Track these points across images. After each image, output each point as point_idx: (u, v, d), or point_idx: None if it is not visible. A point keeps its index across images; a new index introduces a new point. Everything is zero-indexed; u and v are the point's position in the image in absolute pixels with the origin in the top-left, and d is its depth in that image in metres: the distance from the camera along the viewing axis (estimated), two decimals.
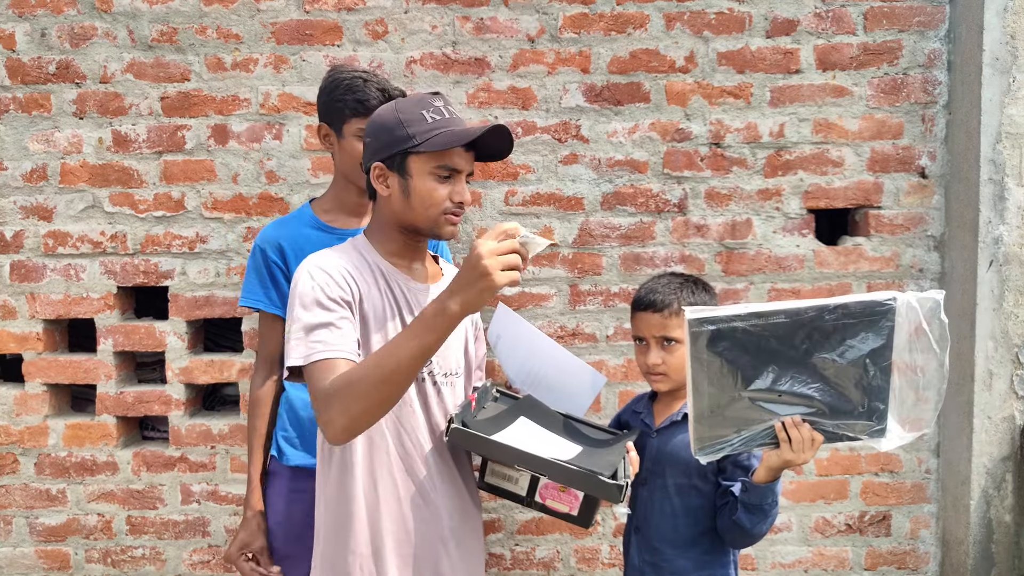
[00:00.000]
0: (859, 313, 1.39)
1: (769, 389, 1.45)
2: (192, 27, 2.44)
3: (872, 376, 1.43)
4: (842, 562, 2.56)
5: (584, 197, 2.49)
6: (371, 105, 1.90)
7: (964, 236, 2.41)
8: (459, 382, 1.66)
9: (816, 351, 1.42)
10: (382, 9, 2.44)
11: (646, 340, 1.75)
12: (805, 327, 1.40)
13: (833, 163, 2.49)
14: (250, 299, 2.00)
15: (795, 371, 1.43)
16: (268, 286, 1.96)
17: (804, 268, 2.50)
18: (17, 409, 2.50)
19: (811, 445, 1.48)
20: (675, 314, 1.72)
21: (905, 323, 1.40)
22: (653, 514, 1.74)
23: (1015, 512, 2.41)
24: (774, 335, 1.41)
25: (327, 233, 1.98)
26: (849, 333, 1.40)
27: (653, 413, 1.82)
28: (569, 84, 2.46)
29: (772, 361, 1.43)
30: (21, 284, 2.49)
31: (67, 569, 2.54)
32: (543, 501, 1.60)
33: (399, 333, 1.39)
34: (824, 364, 1.43)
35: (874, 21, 2.45)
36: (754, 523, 1.61)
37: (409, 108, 1.54)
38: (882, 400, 1.44)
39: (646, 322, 1.75)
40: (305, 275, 1.50)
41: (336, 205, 2.04)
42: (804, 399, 1.45)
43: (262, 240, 2.00)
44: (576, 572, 2.55)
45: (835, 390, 1.44)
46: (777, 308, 1.41)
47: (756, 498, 1.57)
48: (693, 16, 2.45)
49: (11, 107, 2.46)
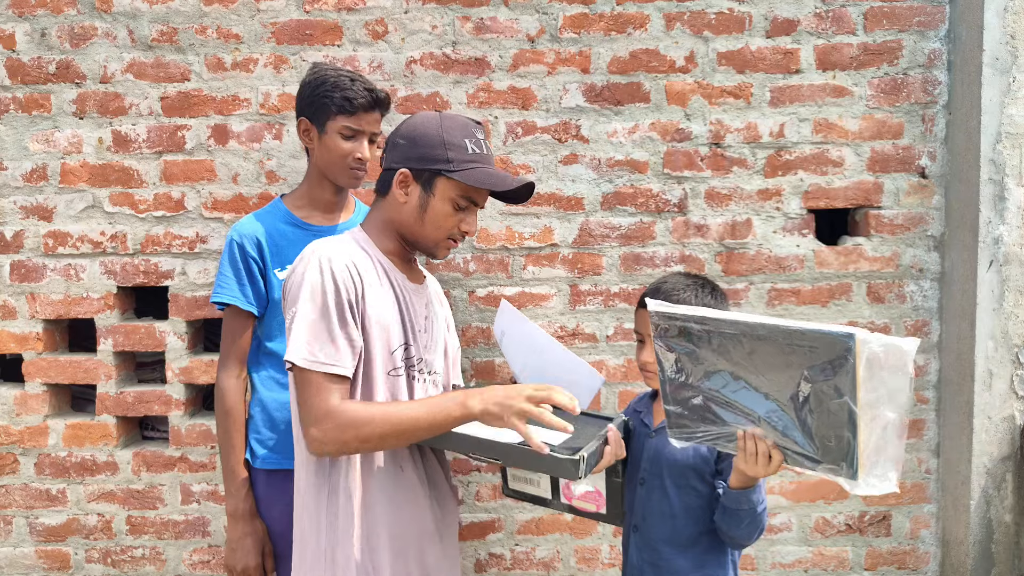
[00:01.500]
0: (813, 342, 1.28)
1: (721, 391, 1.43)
2: (192, 27, 2.44)
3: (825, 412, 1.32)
4: (842, 562, 2.56)
5: (584, 197, 2.49)
6: (358, 104, 1.91)
7: (964, 236, 2.41)
8: (440, 380, 1.71)
9: (766, 370, 1.36)
10: (382, 9, 2.44)
11: (645, 338, 1.75)
12: (756, 341, 1.35)
13: (833, 163, 2.49)
14: (225, 295, 1.96)
15: (746, 383, 1.40)
16: (244, 282, 1.95)
17: (804, 268, 2.50)
18: (17, 409, 2.50)
19: (766, 462, 1.43)
20: None
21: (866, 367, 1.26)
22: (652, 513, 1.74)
23: (1015, 512, 2.41)
24: (725, 342, 1.39)
25: (302, 230, 1.98)
26: (799, 359, 1.31)
27: (653, 412, 1.82)
28: (569, 84, 2.46)
29: (726, 367, 1.41)
30: (21, 284, 2.49)
31: (67, 569, 2.54)
32: (568, 501, 1.60)
33: (419, 402, 1.49)
34: (772, 385, 1.36)
35: (874, 21, 2.45)
36: (730, 526, 1.60)
37: (454, 131, 1.56)
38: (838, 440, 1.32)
39: (645, 318, 1.73)
40: (315, 267, 1.50)
41: (309, 202, 2.04)
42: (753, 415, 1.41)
43: (239, 234, 1.97)
44: (576, 572, 2.55)
45: (784, 412, 1.38)
46: (733, 319, 1.38)
47: (730, 501, 1.57)
48: (693, 16, 2.45)
49: (11, 107, 2.46)
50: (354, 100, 1.91)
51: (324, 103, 1.93)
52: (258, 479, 1.96)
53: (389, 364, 1.57)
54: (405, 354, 1.60)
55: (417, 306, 1.64)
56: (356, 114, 1.93)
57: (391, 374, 1.57)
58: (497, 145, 2.47)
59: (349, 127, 1.93)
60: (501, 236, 2.49)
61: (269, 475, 1.95)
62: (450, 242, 1.61)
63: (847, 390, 1.27)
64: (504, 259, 2.50)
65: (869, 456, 1.30)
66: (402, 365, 1.59)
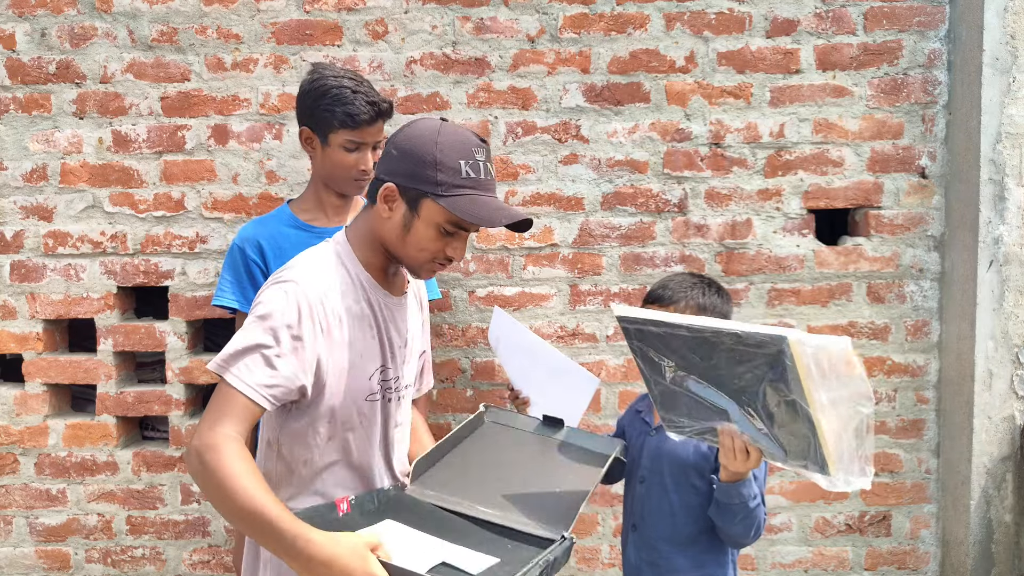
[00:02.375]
0: (751, 344, 1.32)
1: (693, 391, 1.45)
2: (192, 27, 2.44)
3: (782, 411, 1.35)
4: (842, 562, 2.56)
5: (584, 197, 2.49)
6: (361, 120, 1.90)
7: (964, 236, 2.41)
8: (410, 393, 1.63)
9: (725, 372, 1.38)
10: (382, 9, 2.44)
11: None
12: (710, 345, 1.37)
13: (833, 163, 2.49)
14: (225, 298, 1.96)
15: (709, 383, 1.42)
16: (246, 286, 1.94)
17: (804, 268, 2.50)
18: (17, 409, 2.50)
19: (745, 457, 1.45)
20: (681, 312, 1.69)
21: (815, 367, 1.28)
22: (651, 512, 1.74)
23: (1015, 512, 2.41)
24: (682, 344, 1.41)
25: (308, 232, 1.97)
26: (745, 360, 1.34)
27: (654, 411, 1.82)
28: (569, 84, 2.46)
29: (688, 368, 1.43)
30: (21, 284, 2.49)
31: (67, 569, 2.54)
32: None
33: (279, 511, 1.25)
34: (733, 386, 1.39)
35: (874, 21, 2.45)
36: (725, 522, 1.61)
37: (449, 149, 1.41)
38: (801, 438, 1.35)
39: None
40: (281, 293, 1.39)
41: (315, 205, 2.03)
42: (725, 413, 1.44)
43: (241, 239, 1.99)
44: (576, 572, 2.55)
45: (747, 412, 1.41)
46: (684, 322, 1.40)
47: (722, 495, 1.58)
48: (693, 16, 2.45)
49: (11, 107, 2.46)
50: (357, 116, 1.90)
51: (326, 116, 1.92)
52: None
53: (367, 390, 1.50)
54: (382, 376, 1.52)
55: (398, 321, 1.55)
56: (359, 128, 1.92)
57: (368, 399, 1.50)
58: (497, 145, 2.47)
59: (352, 140, 1.93)
60: (501, 236, 2.49)
61: None
62: (435, 265, 1.47)
63: (795, 390, 1.30)
64: (504, 259, 2.50)
65: (839, 454, 1.33)
66: (378, 389, 1.52)
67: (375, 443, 1.54)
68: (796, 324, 2.51)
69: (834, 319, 2.51)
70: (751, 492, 1.57)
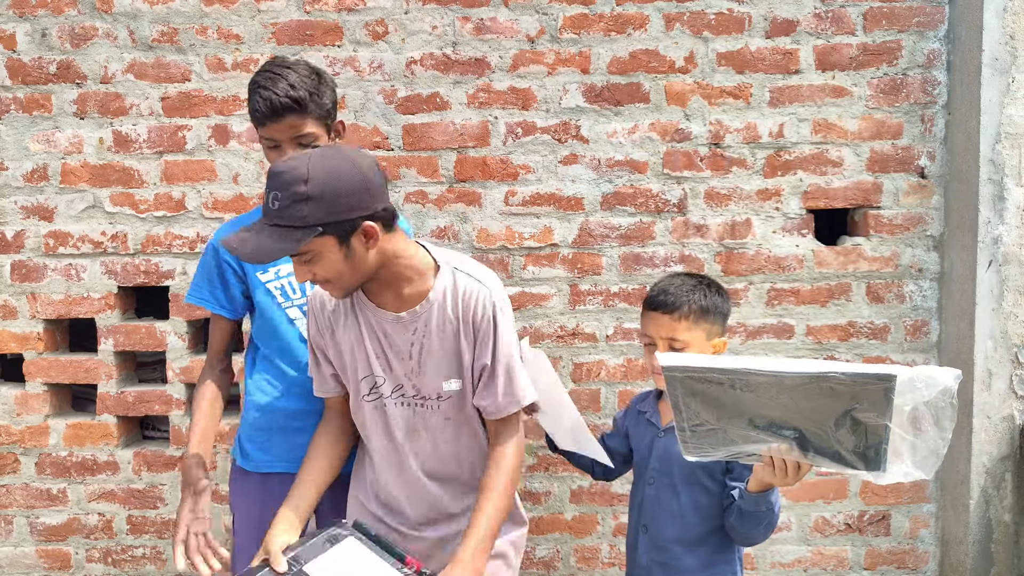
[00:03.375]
0: (850, 384, 1.26)
1: (746, 427, 1.40)
2: (193, 27, 2.44)
3: (863, 434, 1.32)
4: (841, 561, 2.56)
5: (584, 197, 2.49)
6: (259, 117, 1.76)
7: (963, 236, 2.42)
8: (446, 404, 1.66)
9: (797, 408, 1.33)
10: (382, 10, 2.44)
11: (654, 341, 1.73)
12: (785, 391, 1.32)
13: (832, 163, 2.49)
14: (196, 296, 1.90)
15: (771, 420, 1.37)
16: (216, 285, 1.88)
17: (803, 268, 2.51)
18: (18, 409, 2.51)
19: (796, 472, 1.43)
20: (684, 317, 1.69)
21: (909, 399, 1.25)
22: (661, 513, 1.73)
23: (1014, 512, 2.41)
24: (746, 390, 1.35)
25: None
26: (839, 403, 1.29)
27: (660, 412, 1.82)
28: (569, 84, 2.47)
29: (748, 410, 1.38)
30: (22, 284, 2.49)
31: (68, 568, 2.54)
32: None
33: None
34: (804, 419, 1.34)
35: (873, 21, 2.46)
36: (748, 527, 1.61)
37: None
38: (875, 449, 1.31)
39: (655, 322, 1.72)
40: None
41: None
42: (783, 436, 1.39)
43: (216, 238, 1.90)
44: (576, 571, 2.56)
45: (819, 439, 1.36)
46: (756, 368, 1.34)
47: (749, 504, 1.57)
48: (693, 16, 2.45)
49: (12, 107, 2.46)
50: (255, 112, 1.76)
51: (250, 113, 1.81)
52: (254, 483, 1.91)
53: (364, 390, 1.67)
54: (372, 383, 1.65)
55: (394, 335, 1.62)
56: (265, 125, 1.76)
57: (365, 399, 1.67)
58: (497, 145, 2.48)
59: (265, 138, 1.79)
60: (501, 236, 2.49)
61: (264, 479, 1.89)
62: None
63: (886, 415, 1.27)
64: (504, 259, 2.51)
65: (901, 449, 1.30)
66: (368, 392, 1.66)
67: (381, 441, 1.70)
68: (795, 324, 2.51)
69: (833, 319, 2.52)
70: (776, 498, 1.56)
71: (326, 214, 1.44)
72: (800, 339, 2.52)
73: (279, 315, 1.83)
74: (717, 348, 1.73)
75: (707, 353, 1.69)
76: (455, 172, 2.48)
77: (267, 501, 1.90)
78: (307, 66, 1.80)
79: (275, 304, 1.83)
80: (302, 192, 1.43)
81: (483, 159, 2.48)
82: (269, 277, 1.83)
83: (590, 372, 2.53)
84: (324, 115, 1.79)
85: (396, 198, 2.48)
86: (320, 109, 1.77)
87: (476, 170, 2.48)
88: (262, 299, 1.85)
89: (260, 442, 1.89)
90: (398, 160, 2.47)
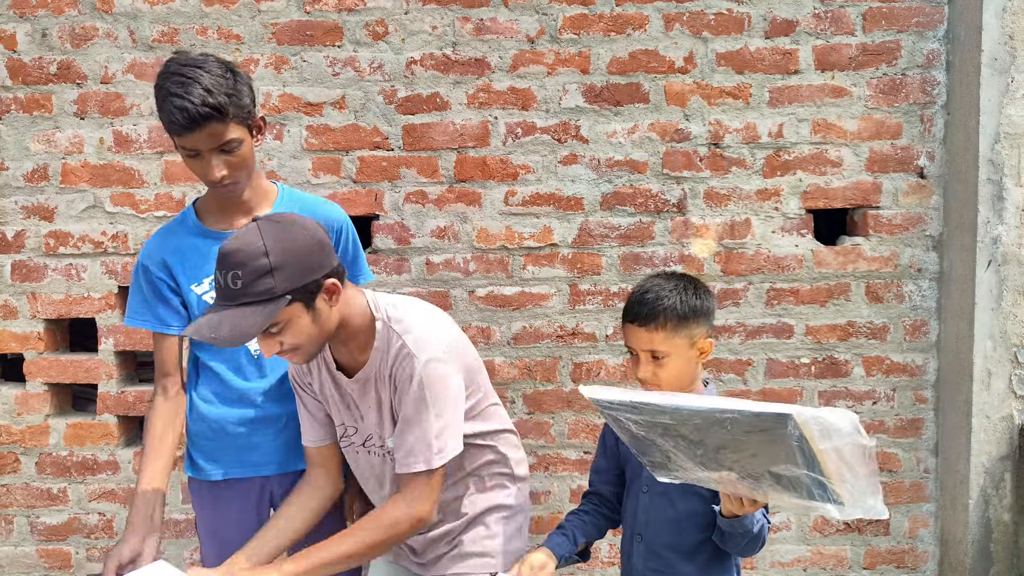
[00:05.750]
0: (754, 426, 1.24)
1: (686, 458, 1.38)
2: (193, 28, 2.44)
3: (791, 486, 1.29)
4: (841, 561, 2.57)
5: (584, 197, 2.50)
6: (174, 130, 1.65)
7: (963, 236, 2.42)
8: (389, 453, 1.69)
9: (717, 448, 1.31)
10: (382, 10, 2.45)
11: (635, 352, 1.65)
12: (695, 429, 1.30)
13: (832, 163, 2.50)
14: (135, 319, 1.84)
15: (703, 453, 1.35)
16: (154, 304, 1.81)
17: (803, 268, 2.51)
18: (18, 408, 2.51)
19: (752, 503, 1.43)
20: (661, 327, 1.58)
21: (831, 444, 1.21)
22: (656, 521, 1.71)
23: (1014, 511, 2.42)
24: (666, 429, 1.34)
25: (212, 239, 1.79)
26: (748, 441, 1.27)
27: None
28: (569, 85, 2.47)
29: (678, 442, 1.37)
30: (22, 284, 2.49)
31: (68, 568, 2.54)
32: None
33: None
34: (730, 459, 1.32)
35: (873, 22, 2.46)
36: (730, 546, 1.58)
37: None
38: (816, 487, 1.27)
39: (633, 335, 1.63)
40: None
41: (216, 207, 1.83)
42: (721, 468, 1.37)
43: (145, 256, 1.83)
44: (576, 571, 2.56)
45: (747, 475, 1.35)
46: (670, 405, 1.31)
47: (724, 526, 1.54)
48: (692, 17, 2.46)
49: (12, 107, 2.46)
50: (171, 124, 1.63)
51: (161, 118, 1.68)
52: (206, 493, 1.90)
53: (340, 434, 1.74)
54: (343, 431, 1.72)
55: (353, 391, 1.67)
56: (183, 136, 1.64)
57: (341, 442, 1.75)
58: (497, 145, 2.48)
59: (183, 148, 1.68)
60: (501, 236, 2.50)
61: (214, 487, 1.88)
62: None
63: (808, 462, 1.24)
64: (504, 259, 2.51)
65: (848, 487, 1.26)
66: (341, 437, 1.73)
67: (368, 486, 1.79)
68: (795, 323, 2.52)
69: (833, 319, 2.52)
70: (753, 520, 1.53)
71: (292, 282, 1.45)
72: (800, 339, 2.52)
73: None
74: (704, 350, 1.64)
75: (694, 357, 1.63)
76: (455, 172, 2.49)
77: (219, 506, 1.90)
78: (218, 63, 1.67)
79: None
80: (264, 265, 1.43)
81: (483, 159, 2.48)
82: (204, 288, 1.80)
83: (590, 372, 2.53)
84: (245, 116, 1.69)
85: (396, 198, 2.48)
86: (241, 111, 1.67)
87: (476, 170, 2.49)
88: (199, 313, 1.78)
89: (208, 451, 1.87)
90: (398, 160, 2.48)
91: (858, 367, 2.53)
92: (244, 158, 1.70)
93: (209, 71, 1.63)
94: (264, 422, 1.83)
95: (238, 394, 1.82)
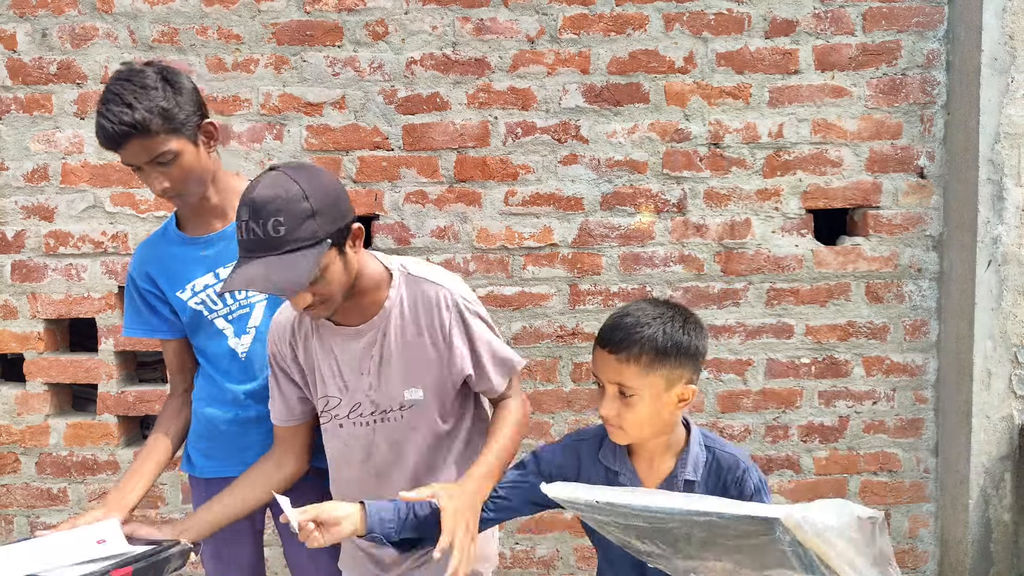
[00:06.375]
0: (739, 531, 1.13)
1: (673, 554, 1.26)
2: (193, 28, 2.44)
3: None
4: None
5: (584, 197, 2.50)
6: (104, 145, 1.63)
7: (963, 236, 2.42)
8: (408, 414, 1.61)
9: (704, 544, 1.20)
10: (382, 10, 2.45)
11: (602, 383, 1.39)
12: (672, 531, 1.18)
13: (832, 163, 2.50)
14: (132, 329, 1.87)
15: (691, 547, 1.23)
16: (146, 314, 1.84)
17: (803, 268, 2.51)
18: (18, 408, 2.51)
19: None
20: (634, 360, 1.34)
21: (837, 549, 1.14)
22: None
23: (1014, 511, 2.42)
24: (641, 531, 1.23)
25: (192, 246, 1.81)
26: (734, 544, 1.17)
27: (635, 471, 1.46)
28: (569, 85, 2.47)
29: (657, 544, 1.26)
30: (22, 284, 2.49)
31: None
32: None
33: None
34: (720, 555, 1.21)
35: (873, 22, 2.46)
36: None
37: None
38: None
39: (602, 363, 1.39)
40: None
41: (191, 212, 1.82)
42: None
43: (132, 268, 1.86)
44: (576, 570, 2.56)
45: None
46: (636, 506, 1.19)
47: None
48: (692, 17, 2.46)
49: (12, 107, 2.46)
50: (99, 138, 1.62)
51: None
52: (202, 490, 1.90)
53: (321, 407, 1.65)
54: (325, 404, 1.63)
55: (348, 352, 1.59)
56: (115, 150, 1.63)
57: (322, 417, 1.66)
58: (497, 145, 2.48)
59: (122, 161, 1.66)
60: (501, 236, 2.50)
61: (209, 484, 1.87)
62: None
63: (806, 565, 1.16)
64: (504, 259, 2.51)
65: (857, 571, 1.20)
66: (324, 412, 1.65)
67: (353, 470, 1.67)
68: (795, 323, 2.52)
69: (833, 319, 2.52)
70: None
71: (332, 224, 1.41)
72: (799, 339, 2.52)
73: (205, 328, 1.80)
74: (684, 397, 1.38)
75: (669, 403, 1.37)
76: (455, 172, 2.49)
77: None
78: (156, 73, 1.62)
79: (201, 318, 1.79)
80: (307, 208, 1.38)
81: (483, 159, 2.48)
82: (188, 295, 1.80)
83: (590, 372, 2.53)
84: (179, 127, 1.63)
85: (396, 198, 2.48)
86: (171, 123, 1.61)
87: (476, 170, 2.49)
88: (188, 318, 1.81)
89: (203, 449, 1.89)
90: (398, 160, 2.48)
91: (858, 367, 2.53)
92: (186, 169, 1.66)
93: (139, 84, 1.59)
94: (256, 422, 1.83)
95: (227, 395, 1.83)
